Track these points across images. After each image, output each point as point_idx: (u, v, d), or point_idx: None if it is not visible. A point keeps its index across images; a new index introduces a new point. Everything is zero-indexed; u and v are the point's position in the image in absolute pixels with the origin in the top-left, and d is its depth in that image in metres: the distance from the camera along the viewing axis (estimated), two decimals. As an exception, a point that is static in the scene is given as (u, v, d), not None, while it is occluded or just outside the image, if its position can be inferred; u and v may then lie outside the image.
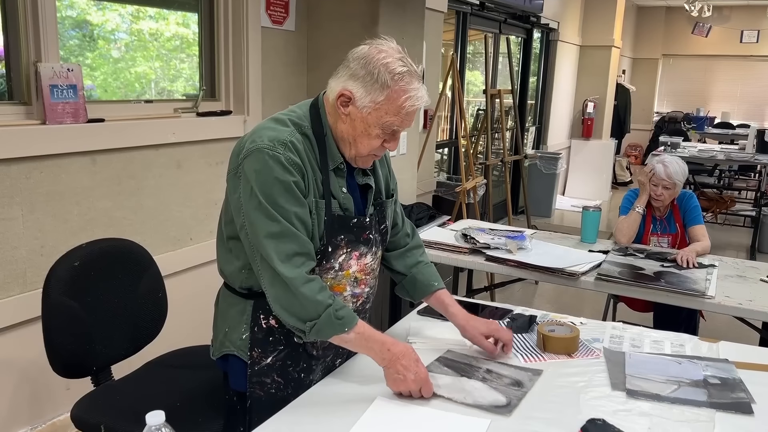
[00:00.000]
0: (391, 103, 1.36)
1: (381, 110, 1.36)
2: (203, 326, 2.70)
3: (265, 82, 2.97)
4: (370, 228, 1.51)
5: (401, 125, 1.40)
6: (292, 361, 1.49)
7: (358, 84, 1.36)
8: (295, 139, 1.38)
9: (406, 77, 1.36)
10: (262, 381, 1.47)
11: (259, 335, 1.46)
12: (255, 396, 1.48)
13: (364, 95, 1.36)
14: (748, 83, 11.57)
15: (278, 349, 1.47)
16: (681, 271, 2.56)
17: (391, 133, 1.41)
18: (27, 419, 2.17)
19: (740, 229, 7.00)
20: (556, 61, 7.64)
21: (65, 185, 2.18)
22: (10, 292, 2.06)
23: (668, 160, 2.99)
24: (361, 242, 1.49)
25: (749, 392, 1.45)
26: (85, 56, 2.42)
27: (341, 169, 1.46)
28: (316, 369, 1.54)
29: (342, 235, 1.45)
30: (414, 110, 1.39)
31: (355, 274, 1.50)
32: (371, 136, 1.40)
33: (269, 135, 1.37)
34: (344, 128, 1.42)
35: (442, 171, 5.78)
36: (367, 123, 1.38)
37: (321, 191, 1.42)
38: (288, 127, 1.40)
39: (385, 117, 1.37)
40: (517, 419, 1.32)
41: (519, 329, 1.78)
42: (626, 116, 9.90)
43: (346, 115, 1.40)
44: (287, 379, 1.49)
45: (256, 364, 1.47)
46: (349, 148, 1.44)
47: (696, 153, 6.74)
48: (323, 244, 1.42)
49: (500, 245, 2.69)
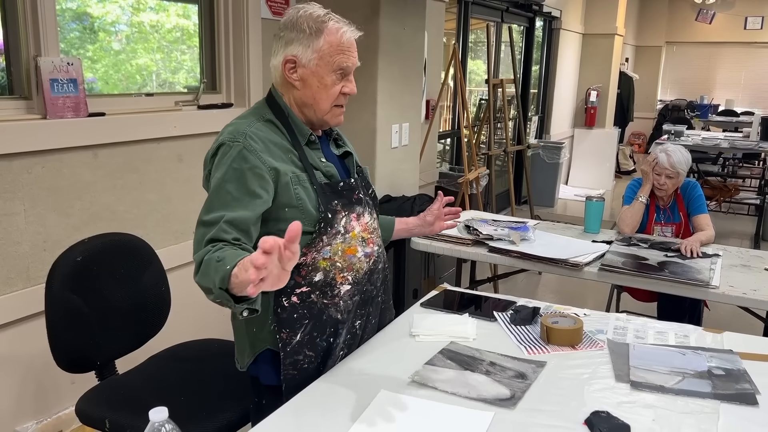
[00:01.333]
0: (331, 43, 1.44)
1: (325, 55, 1.44)
2: (205, 319, 2.72)
3: (266, 74, 2.96)
4: (358, 188, 1.56)
5: (348, 60, 1.46)
6: (318, 332, 1.50)
7: (296, 45, 1.44)
8: (255, 128, 1.45)
9: (331, 16, 1.46)
10: (295, 360, 1.48)
11: (283, 315, 1.47)
12: (288, 376, 1.47)
13: (304, 50, 1.44)
14: (752, 70, 11.50)
15: (304, 324, 1.48)
16: (685, 260, 2.55)
17: (342, 74, 1.47)
18: (32, 413, 2.18)
19: (744, 218, 6.98)
20: (558, 49, 7.60)
21: (67, 180, 2.18)
22: (14, 287, 2.06)
23: (671, 149, 2.97)
24: (355, 203, 1.53)
25: (754, 383, 1.44)
26: (86, 49, 2.41)
27: (314, 142, 1.52)
28: (341, 332, 1.55)
29: (335, 200, 1.49)
30: (352, 43, 1.47)
31: (361, 234, 1.54)
32: (327, 85, 1.46)
33: (229, 130, 1.46)
34: (300, 94, 1.48)
35: (444, 161, 5.77)
36: (319, 75, 1.45)
37: (300, 166, 1.46)
38: (246, 119, 1.47)
39: (332, 58, 1.44)
40: (521, 412, 1.31)
41: (522, 321, 1.77)
42: (629, 105, 9.85)
43: (298, 80, 1.46)
44: (317, 351, 1.51)
45: (288, 345, 1.47)
46: (312, 111, 1.49)
47: (700, 141, 6.71)
48: (322, 212, 1.45)
49: (503, 236, 2.68)
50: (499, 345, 1.64)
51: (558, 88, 7.78)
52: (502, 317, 1.81)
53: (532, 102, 7.54)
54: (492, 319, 1.80)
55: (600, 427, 1.25)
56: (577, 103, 8.59)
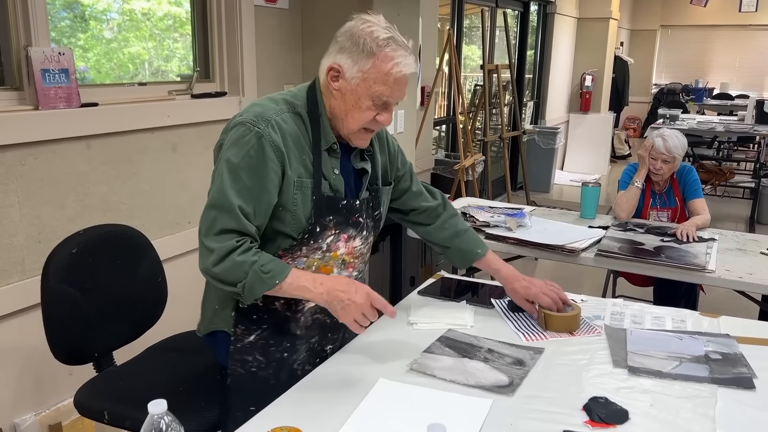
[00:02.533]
0: (378, 70, 1.36)
1: (369, 79, 1.37)
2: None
3: (259, 62, 2.93)
4: (360, 211, 1.50)
5: (391, 95, 1.39)
6: (274, 341, 1.50)
7: (345, 56, 1.37)
8: (281, 119, 1.39)
9: (392, 44, 1.37)
10: (243, 359, 1.49)
11: (243, 312, 1.47)
12: (235, 374, 1.49)
13: (351, 65, 1.37)
14: (747, 53, 11.48)
15: (261, 328, 1.49)
16: (681, 245, 2.55)
17: (382, 105, 1.41)
18: (31, 405, 2.18)
19: (739, 201, 7.00)
20: (553, 34, 7.56)
21: (61, 171, 2.16)
22: (9, 280, 2.05)
23: (667, 134, 2.97)
24: (350, 225, 1.48)
25: (751, 367, 1.45)
26: (77, 37, 2.39)
27: (335, 150, 1.46)
28: (300, 349, 1.54)
29: (330, 216, 1.44)
30: (402, 77, 1.38)
31: (342, 256, 1.50)
32: (362, 108, 1.39)
33: (255, 110, 1.39)
34: (335, 104, 1.42)
35: (440, 148, 5.75)
36: (357, 95, 1.38)
37: (311, 171, 1.42)
38: (277, 106, 1.41)
39: (374, 86, 1.37)
40: (520, 398, 1.32)
41: (520, 308, 1.77)
42: (624, 89, 9.84)
43: (336, 90, 1.40)
44: (269, 359, 1.50)
45: (239, 341, 1.48)
46: (342, 125, 1.44)
47: (695, 125, 6.71)
48: (311, 223, 1.42)
49: (500, 223, 2.68)
50: (497, 332, 1.64)
51: (553, 73, 7.76)
52: (499, 304, 1.81)
53: (528, 87, 7.51)
54: (490, 306, 1.80)
55: (598, 413, 1.25)
56: (573, 88, 8.57)
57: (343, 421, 1.22)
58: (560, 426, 1.21)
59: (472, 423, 1.22)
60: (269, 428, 1.13)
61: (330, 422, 1.22)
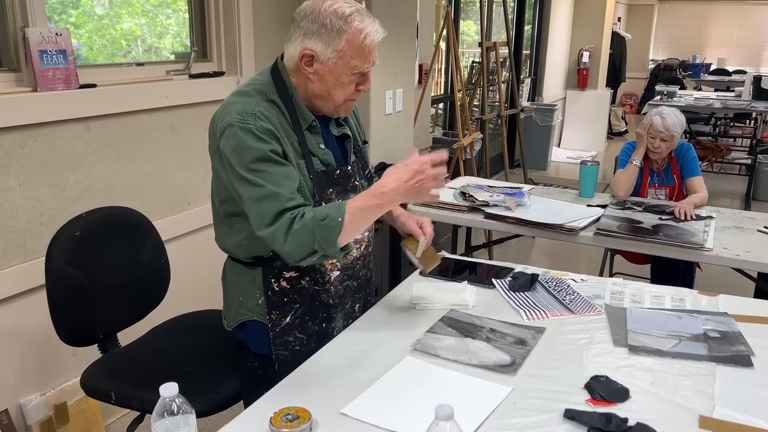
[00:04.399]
0: (352, 45, 1.38)
1: (345, 56, 1.38)
2: (206, 290, 2.73)
3: (257, 41, 2.91)
4: (354, 175, 1.54)
5: (367, 64, 1.42)
6: (310, 316, 1.54)
7: (315, 39, 1.38)
8: (263, 108, 1.40)
9: (357, 16, 1.38)
10: (285, 341, 1.52)
11: (273, 298, 1.50)
12: (281, 357, 1.52)
13: (324, 48, 1.38)
14: (744, 28, 11.43)
15: (294, 308, 1.52)
16: (679, 223, 2.57)
17: (361, 75, 1.43)
18: (36, 385, 2.20)
19: (735, 177, 7.02)
20: (551, 9, 7.50)
21: (61, 153, 2.15)
22: (12, 262, 2.05)
23: (666, 112, 2.97)
24: (350, 190, 1.52)
25: (749, 345, 1.48)
26: (68, 14, 2.36)
27: (315, 126, 1.48)
28: (336, 317, 1.59)
29: (330, 189, 1.47)
30: (374, 45, 1.41)
31: None
32: (344, 84, 1.42)
33: (237, 109, 1.39)
34: (315, 87, 1.43)
35: (437, 126, 5.74)
36: (336, 73, 1.40)
37: (300, 152, 1.44)
38: (253, 98, 1.42)
39: (352, 61, 1.39)
40: (522, 378, 1.34)
41: (521, 287, 1.79)
42: (622, 65, 9.79)
43: (313, 73, 1.41)
44: (309, 334, 1.54)
45: (277, 326, 1.51)
46: (325, 103, 1.46)
47: (692, 102, 6.70)
48: (317, 201, 1.44)
49: (499, 202, 2.69)
50: (498, 312, 1.66)
51: (550, 50, 7.71)
52: (500, 284, 1.83)
53: (525, 64, 7.47)
54: (491, 286, 1.82)
55: (599, 392, 1.27)
56: (570, 65, 8.52)
57: (350, 400, 1.24)
58: (562, 405, 1.23)
59: (484, 407, 1.23)
60: (277, 409, 1.15)
61: (336, 402, 1.24)
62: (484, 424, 1.18)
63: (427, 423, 1.00)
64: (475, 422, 1.18)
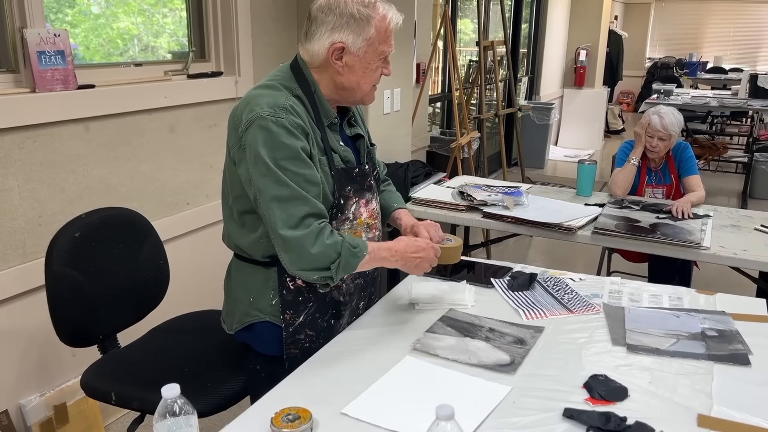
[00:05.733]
0: (379, 31, 1.42)
1: (374, 43, 1.42)
2: (205, 290, 2.74)
3: (255, 41, 2.91)
4: (369, 175, 1.56)
5: (391, 47, 1.46)
6: (320, 313, 1.54)
7: (345, 31, 1.40)
8: (293, 102, 1.40)
9: (379, 3, 1.43)
10: (296, 339, 1.52)
11: (288, 297, 1.49)
12: (291, 355, 1.52)
13: (355, 39, 1.40)
14: (741, 25, 11.45)
15: (308, 306, 1.52)
16: (676, 222, 2.58)
17: (385, 60, 1.48)
18: (36, 386, 2.20)
19: (732, 176, 7.04)
20: (548, 7, 7.51)
21: (59, 154, 2.16)
22: (11, 263, 2.06)
23: (664, 111, 2.98)
24: (365, 189, 1.54)
25: (746, 343, 1.49)
26: (64, 13, 2.36)
27: (335, 124, 1.50)
28: (344, 314, 1.60)
29: (349, 186, 1.49)
30: (395, 28, 1.46)
31: (366, 220, 1.56)
32: (372, 70, 1.46)
33: (267, 101, 1.37)
34: (344, 79, 1.45)
35: (435, 125, 5.74)
36: (366, 61, 1.43)
37: (322, 148, 1.45)
38: (282, 92, 1.41)
39: (380, 47, 1.43)
40: (521, 377, 1.35)
41: (520, 287, 1.80)
42: (618, 63, 9.81)
43: (342, 66, 1.43)
44: (317, 330, 1.54)
45: (291, 326, 1.50)
46: (353, 93, 1.48)
47: (689, 100, 6.71)
48: (336, 198, 1.45)
49: (497, 201, 2.70)
50: (497, 311, 1.67)
51: (547, 48, 7.72)
52: (499, 283, 1.84)
53: (522, 63, 7.48)
54: (489, 286, 1.83)
55: (598, 391, 1.28)
56: (567, 63, 8.53)
57: (350, 399, 1.25)
58: (562, 404, 1.24)
59: (483, 407, 1.24)
60: (277, 410, 1.15)
61: (337, 402, 1.25)
62: (483, 423, 1.19)
63: (426, 422, 1.00)
64: (474, 422, 1.19)
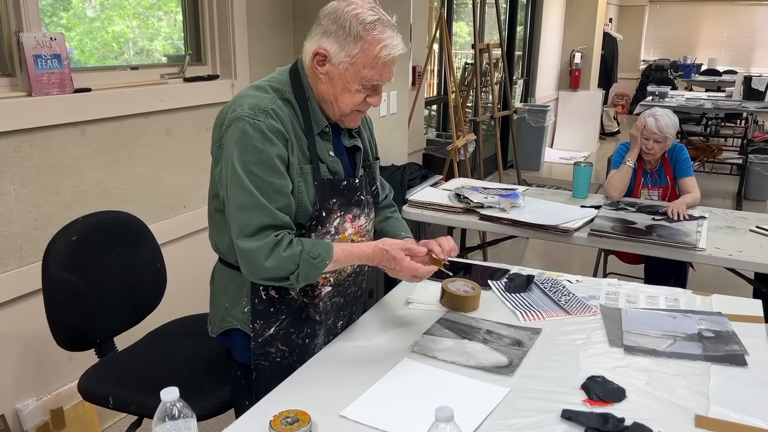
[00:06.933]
0: (367, 54, 1.33)
1: (358, 64, 1.34)
2: (202, 293, 2.72)
3: (251, 45, 2.92)
4: (360, 189, 1.50)
5: (380, 78, 1.37)
6: (295, 329, 1.50)
7: (331, 40, 1.34)
8: (276, 106, 1.36)
9: (378, 26, 1.33)
10: (266, 351, 1.48)
11: (260, 307, 1.46)
12: (260, 367, 1.49)
13: (338, 50, 1.33)
14: (735, 28, 11.50)
15: (280, 319, 1.48)
16: (672, 223, 2.59)
17: (372, 88, 1.39)
18: (33, 390, 2.20)
19: (727, 177, 7.07)
20: (543, 10, 7.54)
21: (56, 157, 2.15)
22: (8, 267, 2.05)
23: (659, 113, 2.99)
24: (354, 204, 1.48)
25: (742, 344, 1.49)
26: (59, 16, 2.35)
27: (327, 133, 1.45)
28: (319, 333, 1.56)
29: (334, 199, 1.44)
30: (391, 60, 1.36)
31: (351, 237, 1.50)
32: (351, 92, 1.37)
33: (249, 103, 1.35)
34: (324, 88, 1.40)
35: (430, 127, 5.75)
36: (346, 79, 1.36)
37: (308, 156, 1.40)
38: (268, 94, 1.38)
39: (363, 71, 1.34)
40: (519, 378, 1.35)
41: (517, 289, 1.81)
42: (613, 65, 9.84)
43: (323, 74, 1.38)
44: (291, 347, 1.51)
45: (260, 336, 1.47)
46: (331, 108, 1.42)
47: (684, 102, 6.74)
48: (317, 209, 1.41)
49: (494, 204, 2.71)
50: (495, 313, 1.67)
51: (543, 51, 7.75)
52: (496, 285, 1.84)
53: (517, 65, 7.50)
54: (487, 288, 1.83)
55: (596, 392, 1.29)
56: (562, 66, 8.56)
57: (349, 402, 1.25)
58: (560, 405, 1.25)
59: (482, 408, 1.24)
60: (276, 412, 1.15)
61: (335, 405, 1.25)
62: (482, 425, 1.19)
63: (425, 424, 1.01)
64: (473, 423, 1.19)
